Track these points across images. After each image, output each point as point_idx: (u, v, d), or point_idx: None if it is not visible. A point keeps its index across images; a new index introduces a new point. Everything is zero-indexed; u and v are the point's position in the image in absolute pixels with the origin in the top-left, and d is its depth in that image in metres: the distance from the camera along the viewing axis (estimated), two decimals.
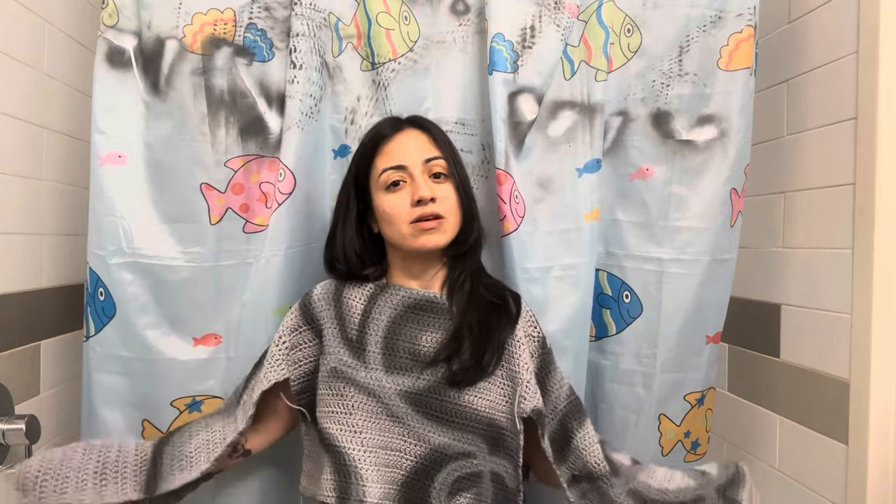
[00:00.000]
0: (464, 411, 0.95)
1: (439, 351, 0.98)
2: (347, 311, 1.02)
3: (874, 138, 1.05)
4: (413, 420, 0.95)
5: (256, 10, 1.14)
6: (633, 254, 1.22)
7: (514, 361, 1.00)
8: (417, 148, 1.02)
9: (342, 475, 0.94)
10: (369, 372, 0.97)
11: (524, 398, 0.98)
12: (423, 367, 0.97)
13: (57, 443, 1.25)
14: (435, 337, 1.00)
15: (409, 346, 0.99)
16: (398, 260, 1.05)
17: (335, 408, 0.96)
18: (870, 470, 1.04)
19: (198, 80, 1.12)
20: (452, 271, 1.04)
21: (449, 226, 1.00)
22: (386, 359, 0.98)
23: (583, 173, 1.19)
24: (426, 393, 0.96)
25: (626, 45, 1.22)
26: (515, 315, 1.04)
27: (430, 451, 0.94)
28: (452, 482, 0.93)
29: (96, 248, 1.11)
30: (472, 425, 0.95)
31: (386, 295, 1.03)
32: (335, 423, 0.96)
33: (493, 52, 1.13)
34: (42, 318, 1.20)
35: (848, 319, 1.10)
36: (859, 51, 1.09)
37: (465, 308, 1.01)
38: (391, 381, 0.96)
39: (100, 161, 1.11)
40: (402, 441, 0.94)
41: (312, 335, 1.03)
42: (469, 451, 0.95)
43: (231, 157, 1.13)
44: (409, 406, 0.95)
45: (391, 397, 0.95)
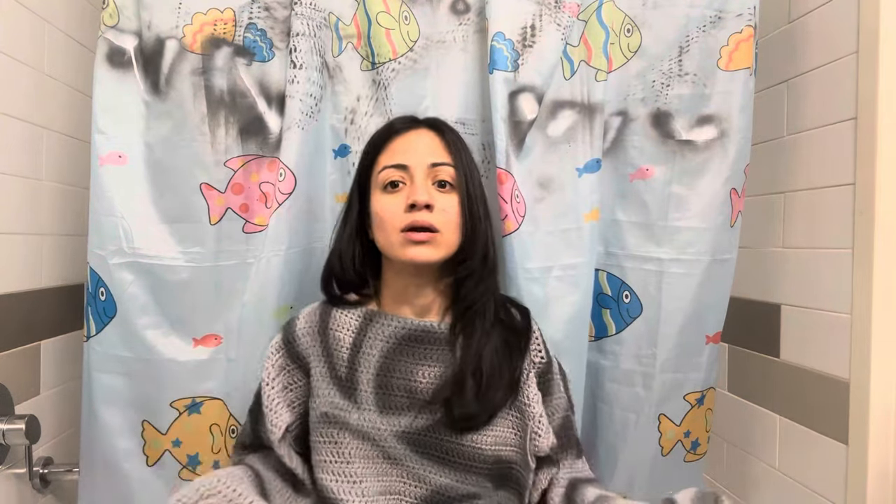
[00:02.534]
0: (466, 452, 0.88)
1: (438, 391, 0.89)
2: (335, 344, 0.94)
3: (874, 138, 1.05)
4: (411, 461, 0.88)
5: (256, 10, 1.14)
6: (633, 254, 1.22)
7: (523, 394, 0.93)
8: (426, 149, 0.93)
9: None
10: (362, 413, 0.89)
11: (538, 434, 0.91)
12: (420, 406, 0.89)
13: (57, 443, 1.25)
14: (433, 371, 0.91)
15: (404, 383, 0.91)
16: (392, 277, 0.96)
17: (330, 457, 0.89)
18: (870, 470, 1.04)
19: (198, 80, 1.12)
20: (455, 299, 0.94)
21: (444, 242, 0.89)
22: (379, 398, 0.90)
23: (583, 173, 1.19)
24: (424, 433, 0.89)
25: (626, 45, 1.22)
26: (525, 343, 0.96)
27: (432, 492, 0.87)
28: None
29: (97, 248, 1.11)
30: (476, 466, 0.88)
31: (377, 325, 0.94)
32: (331, 473, 0.88)
33: (494, 51, 1.13)
34: (42, 318, 1.20)
35: (848, 319, 1.10)
36: (859, 51, 1.09)
37: (472, 346, 0.90)
38: (386, 423, 0.89)
39: (100, 161, 1.11)
40: (402, 483, 0.88)
41: (301, 374, 0.96)
42: (473, 492, 0.88)
43: (231, 157, 1.13)
44: (406, 447, 0.88)
45: (387, 439, 0.88)
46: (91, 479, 1.14)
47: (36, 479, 1.16)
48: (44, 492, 1.19)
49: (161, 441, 1.14)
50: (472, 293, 0.92)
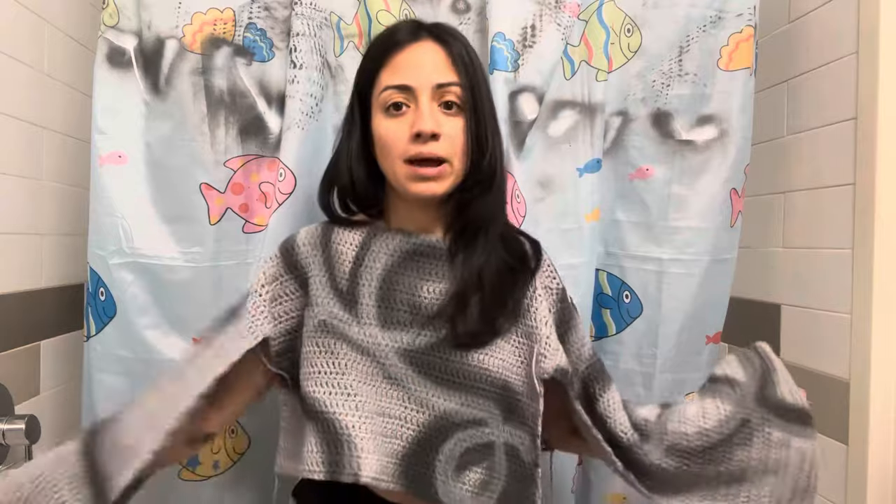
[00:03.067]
0: (473, 372, 0.82)
1: (442, 307, 0.84)
2: (337, 257, 0.88)
3: (874, 138, 1.05)
4: (414, 383, 0.83)
5: (256, 10, 1.14)
6: (633, 254, 1.22)
7: (530, 316, 0.87)
8: (431, 67, 0.84)
9: (332, 445, 0.81)
10: (363, 328, 0.84)
11: (544, 356, 0.85)
12: (423, 321, 0.84)
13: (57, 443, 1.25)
14: (437, 287, 0.86)
15: (408, 297, 0.85)
16: (396, 197, 0.89)
17: (324, 367, 0.83)
18: (870, 470, 1.05)
19: (197, 80, 1.12)
20: (458, 218, 0.87)
21: (451, 172, 0.83)
22: (381, 313, 0.85)
23: (583, 173, 1.19)
24: (428, 351, 0.83)
25: (626, 45, 1.22)
26: (534, 269, 0.90)
27: (435, 418, 0.82)
28: (461, 454, 0.82)
29: (97, 248, 1.11)
30: (483, 388, 0.83)
31: (380, 240, 0.88)
32: (324, 384, 0.82)
33: (494, 51, 1.13)
34: (42, 318, 1.20)
35: (848, 319, 1.10)
36: (859, 51, 1.09)
37: (473, 263, 0.85)
38: (388, 339, 0.84)
39: (100, 161, 1.11)
40: (402, 407, 0.83)
41: (296, 286, 0.89)
42: (480, 417, 0.82)
43: (231, 156, 1.13)
44: (408, 367, 0.83)
45: (388, 356, 0.83)
46: None
47: None
48: None
49: None
50: (476, 212, 0.86)
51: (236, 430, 1.17)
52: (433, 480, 0.81)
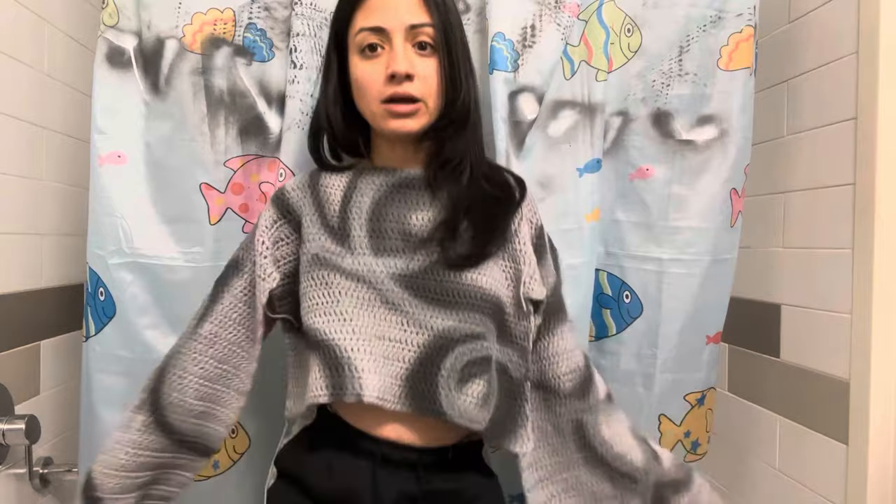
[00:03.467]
0: (468, 290, 0.85)
1: (432, 231, 0.87)
2: (326, 199, 0.92)
3: (874, 138, 1.05)
4: (411, 306, 0.85)
5: (256, 10, 1.14)
6: (633, 254, 1.22)
7: (516, 241, 0.91)
8: (405, 9, 0.86)
9: (334, 369, 0.83)
10: (356, 258, 0.87)
11: (534, 280, 0.90)
12: (415, 246, 0.87)
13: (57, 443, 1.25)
14: (426, 215, 0.89)
15: (398, 226, 0.88)
16: (378, 136, 0.94)
17: (321, 298, 0.85)
18: (870, 470, 1.04)
19: (197, 80, 1.12)
20: (436, 156, 0.91)
21: (426, 111, 0.87)
22: (373, 242, 0.88)
23: (583, 173, 1.19)
24: (422, 274, 0.86)
25: (626, 45, 1.22)
26: (519, 200, 0.94)
27: (434, 337, 0.84)
28: (462, 368, 0.84)
29: (96, 248, 1.11)
30: (478, 304, 0.85)
31: (366, 178, 0.92)
32: (321, 314, 0.85)
33: (494, 51, 1.13)
34: (42, 318, 1.20)
35: (848, 319, 1.10)
36: (859, 51, 1.09)
37: (459, 193, 0.89)
38: (381, 265, 0.86)
39: (100, 161, 1.10)
40: (401, 331, 0.84)
41: (290, 229, 0.93)
42: (478, 332, 0.85)
43: (231, 156, 1.13)
44: (404, 290, 0.85)
45: (383, 282, 0.86)
46: None
47: (36, 479, 1.16)
48: (44, 492, 1.19)
49: None
50: (452, 149, 0.89)
51: (236, 430, 1.17)
52: (436, 395, 0.83)
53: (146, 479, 0.89)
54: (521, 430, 0.90)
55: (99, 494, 0.85)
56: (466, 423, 0.84)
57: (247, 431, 1.18)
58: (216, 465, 1.16)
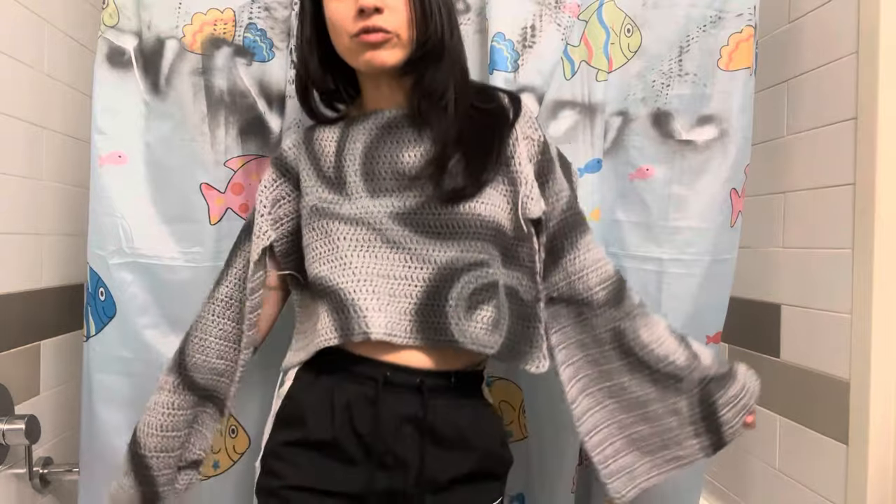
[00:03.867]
0: (466, 219, 0.86)
1: (423, 167, 0.88)
2: (321, 151, 0.94)
3: (874, 138, 1.05)
4: (412, 242, 0.87)
5: (256, 10, 1.14)
6: (633, 254, 1.22)
7: (514, 163, 0.91)
8: None
9: (340, 312, 0.86)
10: (353, 202, 0.89)
11: (530, 199, 0.89)
12: (408, 184, 0.88)
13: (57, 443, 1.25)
14: (417, 152, 0.90)
15: (390, 166, 0.89)
16: (365, 81, 0.94)
17: (322, 248, 0.89)
18: (870, 470, 1.05)
19: (197, 80, 1.12)
20: (415, 89, 0.90)
21: (399, 43, 0.86)
22: (368, 184, 0.89)
23: (584, 173, 1.19)
24: (419, 210, 0.87)
25: (626, 45, 1.22)
26: (514, 117, 0.93)
27: (439, 269, 0.86)
28: (469, 295, 0.85)
29: (97, 248, 1.11)
30: (478, 232, 0.87)
31: (356, 125, 0.93)
32: (324, 263, 0.88)
33: (494, 51, 1.13)
34: (42, 318, 1.20)
35: (848, 319, 1.10)
36: (859, 51, 1.09)
37: (445, 125, 0.89)
38: (379, 205, 0.88)
39: (100, 161, 1.11)
40: (405, 267, 0.86)
41: (290, 187, 0.97)
42: (481, 259, 0.86)
43: (231, 157, 1.13)
44: (404, 227, 0.87)
45: (382, 221, 0.87)
46: (91, 479, 1.14)
47: (36, 479, 1.16)
48: (44, 492, 1.19)
49: None
50: (430, 83, 0.89)
51: (236, 430, 1.17)
52: (447, 325, 0.85)
53: (182, 438, 0.95)
54: (537, 351, 0.91)
55: (142, 451, 0.92)
56: (479, 348, 0.86)
57: (247, 431, 1.18)
58: (216, 465, 1.16)
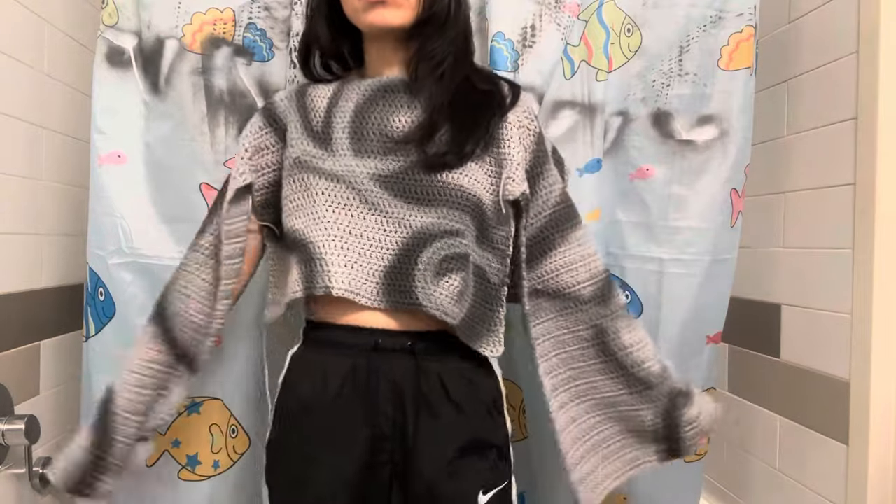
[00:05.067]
0: (447, 188, 0.87)
1: (410, 132, 0.89)
2: (312, 106, 0.94)
3: (874, 138, 1.05)
4: (390, 205, 0.87)
5: (256, 10, 1.14)
6: (633, 254, 1.22)
7: (502, 145, 0.91)
8: None
9: (307, 266, 0.87)
10: (337, 159, 0.89)
11: (511, 180, 0.90)
12: (393, 147, 0.89)
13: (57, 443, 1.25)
14: (408, 117, 0.90)
15: (379, 127, 0.90)
16: (369, 46, 0.95)
17: (299, 201, 0.89)
18: (870, 470, 1.05)
19: (197, 80, 1.12)
20: (417, 54, 0.91)
21: (406, 4, 0.87)
22: (354, 143, 0.90)
23: (583, 173, 1.19)
24: (402, 174, 0.87)
25: (626, 45, 1.22)
26: (510, 102, 0.94)
27: (412, 233, 0.86)
28: (439, 261, 0.86)
29: (96, 248, 1.11)
30: (458, 202, 0.87)
31: (352, 85, 0.94)
32: (300, 216, 0.89)
33: (494, 51, 1.13)
34: (42, 318, 1.20)
35: (848, 319, 1.10)
36: (859, 51, 1.09)
37: (440, 95, 0.89)
38: (361, 165, 0.88)
39: (99, 161, 1.10)
40: (380, 230, 0.87)
41: (276, 138, 0.96)
42: (456, 228, 0.87)
43: (231, 156, 1.13)
44: (384, 190, 0.87)
45: (362, 182, 0.88)
46: None
47: (35, 480, 1.16)
48: (43, 492, 1.19)
49: (160, 441, 1.13)
50: (433, 48, 0.90)
51: (237, 430, 1.17)
52: (413, 288, 0.86)
53: (150, 401, 0.92)
54: (493, 335, 0.91)
55: (112, 408, 0.90)
56: (441, 315, 0.85)
57: (247, 432, 1.18)
58: (216, 465, 1.16)
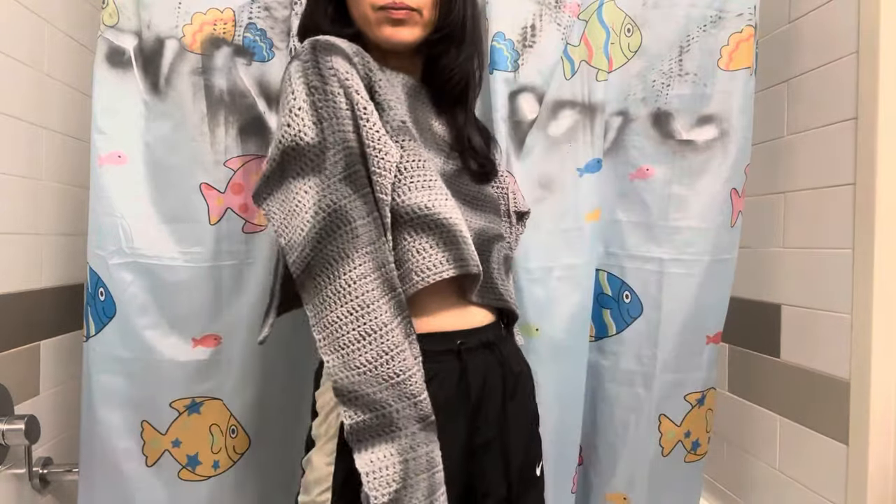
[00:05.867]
0: (488, 196, 0.93)
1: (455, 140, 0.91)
2: (365, 72, 0.82)
3: (874, 138, 1.05)
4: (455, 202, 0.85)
5: (256, 10, 1.14)
6: (634, 254, 1.22)
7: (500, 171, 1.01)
8: None
9: (451, 243, 0.78)
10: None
11: (514, 195, 1.02)
12: (446, 149, 0.90)
13: (57, 443, 1.25)
14: (442, 122, 0.92)
15: (429, 126, 0.89)
16: (376, 50, 0.88)
17: (417, 170, 0.79)
18: (870, 470, 1.05)
19: (197, 80, 1.12)
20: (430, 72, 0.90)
21: (421, 21, 0.84)
22: (420, 133, 0.86)
23: (583, 173, 1.18)
24: (457, 176, 0.89)
25: (626, 45, 1.22)
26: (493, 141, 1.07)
27: (476, 234, 0.86)
28: (503, 261, 0.92)
29: (96, 248, 1.11)
30: (498, 209, 0.95)
31: (388, 74, 0.87)
32: (424, 188, 0.78)
33: (494, 51, 1.13)
34: (42, 318, 1.20)
35: (848, 319, 1.10)
36: (859, 51, 1.09)
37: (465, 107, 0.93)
38: (429, 156, 0.84)
39: (100, 161, 1.10)
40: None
41: (360, 82, 0.79)
42: (502, 233, 0.94)
43: (230, 157, 1.13)
44: (449, 187, 0.84)
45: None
46: (90, 480, 1.13)
47: (35, 480, 1.16)
48: (43, 492, 1.19)
49: (160, 441, 1.13)
50: (447, 66, 0.88)
51: (236, 430, 1.17)
52: (496, 285, 0.89)
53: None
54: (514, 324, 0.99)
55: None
56: (515, 308, 0.93)
57: (247, 431, 1.18)
58: (216, 465, 1.16)
